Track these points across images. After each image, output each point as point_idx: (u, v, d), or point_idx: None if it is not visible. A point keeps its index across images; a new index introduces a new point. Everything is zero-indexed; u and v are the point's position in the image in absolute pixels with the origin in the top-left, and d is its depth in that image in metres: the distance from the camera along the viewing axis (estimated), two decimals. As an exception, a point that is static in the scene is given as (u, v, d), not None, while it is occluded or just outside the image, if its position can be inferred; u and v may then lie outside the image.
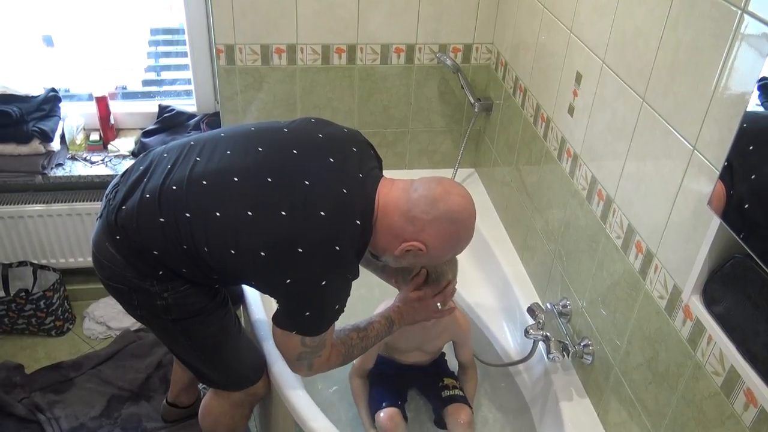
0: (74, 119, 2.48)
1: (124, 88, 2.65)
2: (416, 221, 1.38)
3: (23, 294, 2.46)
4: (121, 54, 2.67)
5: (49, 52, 2.57)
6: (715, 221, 1.13)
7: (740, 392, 1.13)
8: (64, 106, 2.47)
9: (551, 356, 1.76)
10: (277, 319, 1.44)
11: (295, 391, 1.66)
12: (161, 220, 1.39)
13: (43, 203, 2.43)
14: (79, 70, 2.61)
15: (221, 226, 1.36)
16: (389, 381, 1.90)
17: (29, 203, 2.43)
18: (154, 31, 2.65)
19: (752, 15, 1.06)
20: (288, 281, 1.35)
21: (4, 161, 2.31)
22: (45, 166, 2.34)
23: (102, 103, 2.43)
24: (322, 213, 1.34)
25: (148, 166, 1.49)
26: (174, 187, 1.41)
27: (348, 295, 1.42)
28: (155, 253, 1.42)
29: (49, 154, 2.36)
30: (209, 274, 1.45)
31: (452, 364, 1.99)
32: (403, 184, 1.44)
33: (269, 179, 1.38)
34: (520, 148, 2.16)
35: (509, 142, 2.25)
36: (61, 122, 2.43)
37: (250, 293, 1.95)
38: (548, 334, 1.78)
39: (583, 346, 1.71)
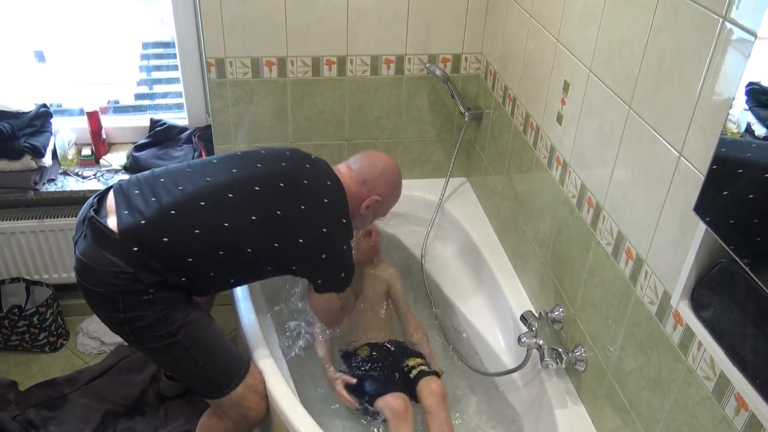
0: (66, 134, 2.48)
1: (117, 102, 2.66)
2: (368, 182, 1.89)
3: (16, 310, 2.45)
4: (113, 68, 2.67)
5: (41, 67, 2.57)
6: (701, 227, 1.14)
7: (731, 397, 1.14)
8: (56, 121, 2.48)
9: (545, 364, 1.76)
10: (321, 289, 1.81)
11: (295, 412, 1.65)
12: (197, 231, 1.62)
13: (36, 219, 2.43)
14: (71, 85, 2.62)
15: (260, 227, 1.67)
16: (373, 376, 1.98)
17: (21, 219, 2.43)
18: (146, 45, 2.66)
19: (733, 22, 1.08)
20: (324, 256, 1.75)
21: (-4, 177, 2.31)
22: (37, 182, 2.33)
23: (93, 117, 2.43)
24: (326, 200, 1.76)
25: (144, 189, 1.67)
26: (202, 203, 1.65)
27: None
28: (190, 260, 1.63)
29: (41, 169, 2.36)
30: (234, 273, 1.75)
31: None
32: (344, 164, 1.93)
33: (281, 184, 1.73)
34: (510, 156, 2.17)
35: (500, 150, 2.27)
36: (52, 137, 2.43)
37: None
38: (541, 341, 1.79)
39: (576, 353, 1.72)
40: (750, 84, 1.04)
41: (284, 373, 1.81)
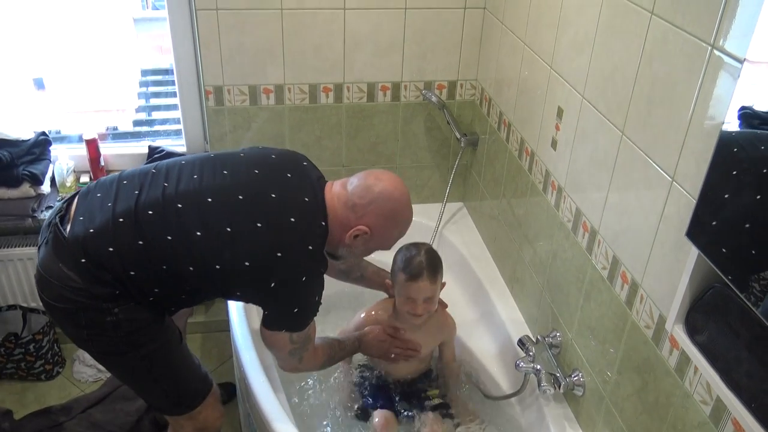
0: (64, 161, 2.49)
1: (115, 128, 2.68)
2: (356, 208, 1.56)
3: (13, 338, 2.44)
4: (112, 95, 2.70)
5: (41, 94, 2.60)
6: (694, 251, 1.15)
7: (728, 421, 1.14)
8: (55, 149, 2.49)
9: (543, 388, 1.75)
10: (267, 322, 1.59)
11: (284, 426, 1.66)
12: (140, 243, 1.47)
13: (33, 246, 2.43)
14: (69, 112, 2.64)
15: (204, 244, 1.48)
16: (378, 389, 1.98)
17: (19, 246, 2.43)
18: (145, 72, 2.69)
19: (721, 50, 1.10)
20: (273, 284, 1.49)
21: (-6, 205, 2.32)
22: (35, 209, 2.34)
23: (92, 145, 2.45)
24: (292, 220, 1.51)
25: (106, 192, 1.55)
26: (150, 212, 1.49)
27: (323, 287, 1.59)
28: (132, 273, 1.48)
29: (39, 197, 2.37)
30: (181, 292, 1.57)
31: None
32: (341, 182, 1.62)
33: (240, 197, 1.51)
34: (506, 181, 2.19)
35: (495, 175, 2.28)
36: (51, 165, 2.45)
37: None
38: (539, 366, 1.78)
39: (574, 377, 1.71)
40: (742, 108, 1.05)
41: (275, 386, 1.82)
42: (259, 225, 1.48)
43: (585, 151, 1.63)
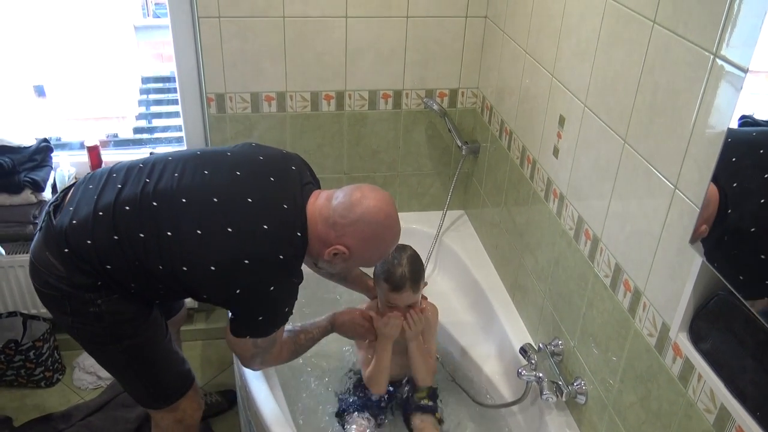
0: (66, 168, 2.49)
1: (115, 135, 2.68)
2: (336, 226, 1.50)
3: (12, 345, 2.43)
4: (113, 102, 2.70)
5: (41, 102, 2.60)
6: (698, 259, 1.15)
7: (732, 430, 1.13)
8: (56, 156, 2.49)
9: (545, 397, 1.75)
10: (233, 328, 1.56)
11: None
12: (115, 237, 1.49)
13: (34, 253, 2.43)
14: (70, 120, 2.64)
15: (173, 244, 1.47)
16: (361, 391, 2.00)
17: (20, 253, 2.42)
18: (145, 80, 2.69)
19: (723, 59, 1.10)
20: (238, 291, 1.46)
21: (-4, 212, 2.32)
22: (36, 216, 2.34)
23: (94, 152, 2.45)
24: (266, 227, 1.46)
25: (96, 184, 1.57)
26: (126, 207, 1.50)
27: (295, 297, 1.55)
28: (108, 267, 1.50)
29: (41, 203, 2.37)
30: (157, 288, 1.56)
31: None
32: (327, 193, 1.56)
33: (215, 199, 1.48)
34: (507, 189, 2.19)
35: (497, 183, 2.28)
36: (52, 172, 2.45)
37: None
38: (541, 374, 1.78)
39: (576, 385, 1.71)
40: (743, 117, 1.06)
41: (277, 394, 1.82)
42: (230, 230, 1.45)
43: (587, 159, 1.63)
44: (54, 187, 2.46)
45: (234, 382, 2.43)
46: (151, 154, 2.54)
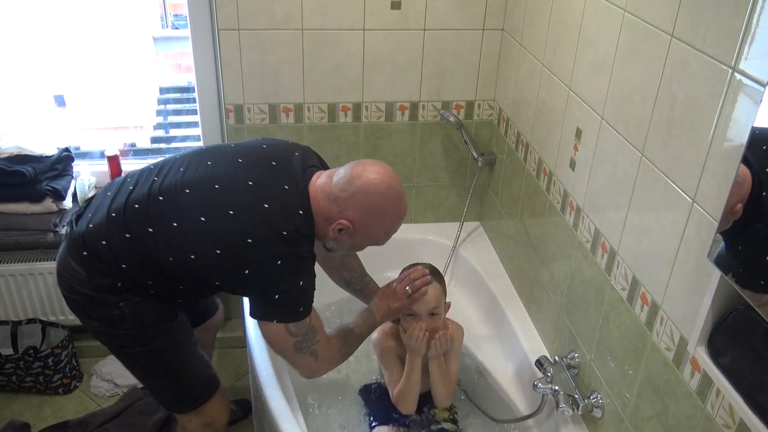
0: (86, 177, 2.53)
1: (133, 145, 2.71)
2: (338, 201, 1.51)
3: (32, 351, 2.46)
4: (131, 112, 2.74)
5: (61, 111, 2.64)
6: (716, 273, 1.14)
7: (751, 445, 1.12)
8: (77, 165, 2.53)
9: (560, 410, 1.74)
10: (253, 313, 1.55)
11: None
12: (127, 235, 1.54)
13: (54, 260, 2.44)
14: (89, 129, 2.68)
15: (180, 234, 1.51)
16: (388, 405, 1.98)
17: (40, 261, 2.46)
18: (164, 90, 2.72)
19: (742, 73, 1.10)
20: (246, 271, 1.47)
21: (18, 220, 2.35)
22: (57, 224, 2.37)
23: (114, 162, 2.48)
24: (266, 206, 1.49)
25: (114, 191, 1.64)
26: (136, 205, 1.55)
27: (311, 274, 1.54)
28: (123, 266, 1.55)
29: (61, 212, 2.40)
30: (175, 285, 1.60)
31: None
32: (329, 171, 1.58)
33: (216, 186, 1.52)
34: (523, 201, 2.19)
35: (513, 195, 2.29)
36: (73, 181, 2.48)
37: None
38: (557, 387, 1.77)
39: (593, 399, 1.70)
40: (753, 129, 1.05)
41: (292, 405, 1.81)
42: (231, 212, 1.48)
43: (604, 171, 1.63)
44: (74, 196, 2.49)
45: (249, 392, 2.44)
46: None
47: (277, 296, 1.50)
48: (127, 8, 2.59)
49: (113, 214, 1.56)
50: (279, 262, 1.47)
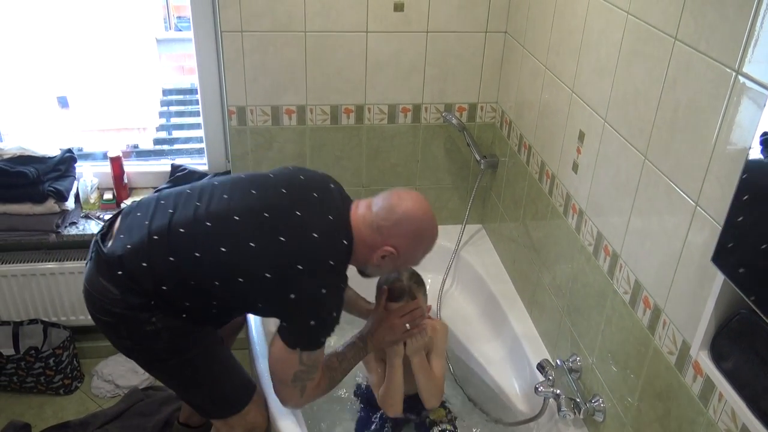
0: (89, 178, 2.53)
1: (136, 146, 2.72)
2: (382, 230, 1.60)
3: (33, 352, 2.46)
4: (134, 113, 2.74)
5: (65, 113, 2.65)
6: (720, 277, 1.14)
7: (754, 450, 1.12)
8: (79, 166, 2.53)
9: (562, 414, 1.74)
10: (283, 334, 1.58)
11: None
12: (171, 259, 1.56)
13: (56, 261, 2.46)
14: (92, 130, 2.68)
15: (229, 259, 1.55)
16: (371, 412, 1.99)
17: (42, 261, 2.46)
18: (166, 92, 2.73)
19: (746, 76, 1.10)
20: (293, 296, 1.52)
21: (20, 220, 2.36)
22: (59, 225, 2.38)
23: (116, 163, 2.49)
24: (315, 235, 1.56)
25: (144, 211, 1.65)
26: (181, 230, 1.58)
27: (342, 302, 1.61)
28: (164, 288, 1.56)
29: (64, 213, 2.40)
30: (209, 308, 1.63)
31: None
32: (366, 202, 1.67)
33: (266, 214, 1.58)
34: (526, 204, 2.19)
35: (515, 198, 2.28)
36: (75, 182, 2.48)
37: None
38: (559, 391, 1.77)
39: (594, 403, 1.69)
40: (764, 134, 1.05)
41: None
42: (282, 239, 1.54)
43: (607, 174, 1.63)
44: (77, 197, 2.49)
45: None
46: (176, 167, 2.58)
47: (312, 323, 1.56)
48: (130, 10, 2.59)
49: (155, 237, 1.57)
50: (324, 291, 1.54)
